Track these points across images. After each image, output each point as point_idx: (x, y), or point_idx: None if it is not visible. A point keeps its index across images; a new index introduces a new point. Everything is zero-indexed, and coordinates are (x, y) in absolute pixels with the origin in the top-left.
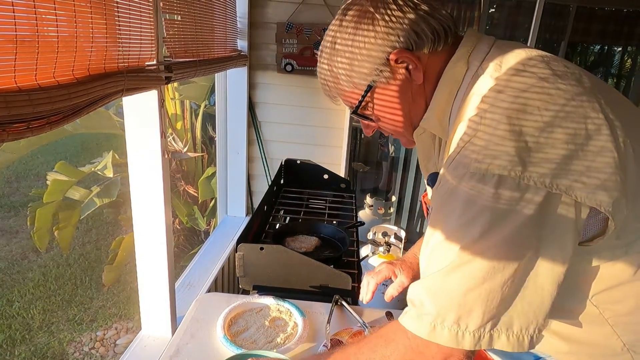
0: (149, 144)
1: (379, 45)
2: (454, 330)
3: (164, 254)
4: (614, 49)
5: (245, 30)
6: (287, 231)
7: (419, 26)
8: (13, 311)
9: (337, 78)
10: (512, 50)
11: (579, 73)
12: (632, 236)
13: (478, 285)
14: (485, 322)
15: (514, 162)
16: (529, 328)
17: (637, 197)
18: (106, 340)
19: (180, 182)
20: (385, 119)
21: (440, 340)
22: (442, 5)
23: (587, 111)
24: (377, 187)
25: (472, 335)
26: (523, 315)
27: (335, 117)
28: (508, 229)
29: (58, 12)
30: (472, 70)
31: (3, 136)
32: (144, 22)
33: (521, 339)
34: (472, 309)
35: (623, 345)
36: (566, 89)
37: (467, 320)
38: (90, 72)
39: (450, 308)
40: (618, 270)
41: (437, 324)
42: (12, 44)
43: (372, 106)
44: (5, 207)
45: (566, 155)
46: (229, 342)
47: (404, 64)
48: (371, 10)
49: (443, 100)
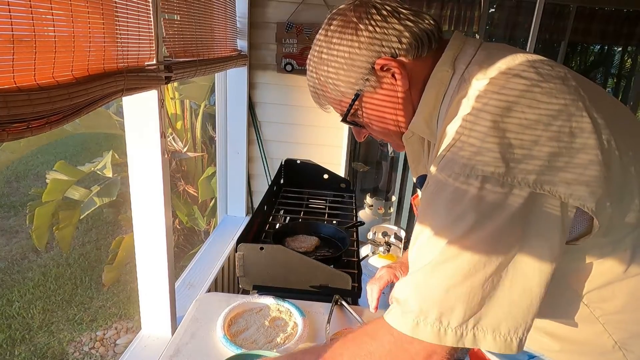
0: (149, 144)
1: (364, 54)
2: (436, 327)
3: (164, 253)
4: (614, 49)
5: (245, 30)
6: (287, 231)
7: (401, 33)
8: (13, 311)
9: (325, 87)
10: (498, 53)
11: (565, 73)
12: (619, 234)
13: (459, 283)
14: (467, 319)
15: (498, 161)
16: (518, 330)
17: (622, 196)
18: (106, 340)
19: (180, 182)
20: (374, 125)
21: (423, 337)
22: (441, 6)
23: (570, 110)
24: (377, 187)
25: (454, 332)
26: (511, 317)
27: (335, 117)
28: (491, 227)
29: (55, 11)
30: (458, 74)
31: (3, 136)
32: (143, 22)
33: (509, 341)
34: (453, 306)
35: (614, 343)
36: (550, 89)
37: (449, 317)
38: (90, 71)
39: (433, 305)
40: (607, 268)
41: (420, 320)
42: (9, 43)
43: (360, 113)
44: (5, 207)
45: (550, 153)
46: (229, 342)
47: (389, 71)
48: (354, 20)
49: (430, 104)
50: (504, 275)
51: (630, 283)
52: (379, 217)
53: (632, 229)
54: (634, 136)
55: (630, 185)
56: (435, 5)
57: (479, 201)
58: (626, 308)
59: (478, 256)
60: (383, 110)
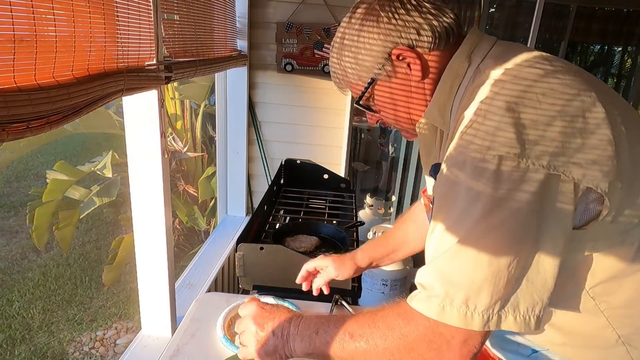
0: (149, 144)
1: (382, 41)
2: (462, 310)
3: (164, 253)
4: (614, 49)
5: (245, 30)
6: (287, 231)
7: (420, 26)
8: (13, 311)
9: (344, 70)
10: (513, 48)
11: (578, 70)
12: (627, 224)
13: (485, 266)
14: (494, 303)
15: (513, 141)
16: (535, 308)
17: (632, 183)
18: (106, 340)
19: (180, 182)
20: (386, 111)
21: (450, 321)
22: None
23: (583, 97)
24: (377, 187)
25: (480, 316)
26: (529, 296)
27: (336, 117)
28: (509, 210)
29: (57, 11)
30: (473, 66)
31: (3, 136)
32: (143, 22)
33: (527, 319)
34: (480, 289)
35: (618, 337)
36: (564, 80)
37: (475, 301)
38: (90, 71)
39: (459, 289)
40: (614, 261)
41: (446, 304)
42: (10, 43)
43: (374, 98)
44: (5, 206)
45: (563, 134)
46: (229, 342)
47: (405, 60)
48: (377, 8)
49: (445, 94)
50: (525, 256)
51: (636, 277)
52: (379, 217)
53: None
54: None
55: (639, 174)
56: None
57: (496, 184)
58: (631, 303)
59: (500, 238)
60: (396, 97)
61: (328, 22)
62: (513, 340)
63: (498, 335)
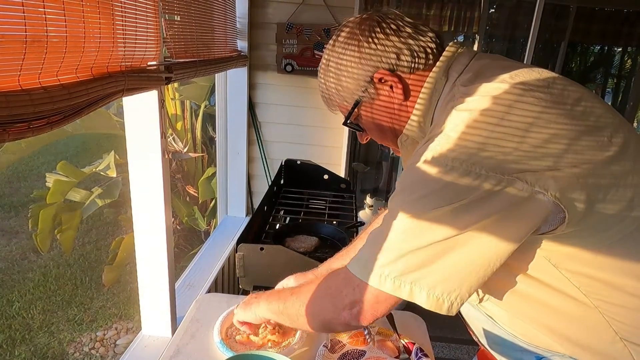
0: (149, 144)
1: (363, 65)
2: (377, 272)
3: (164, 254)
4: (614, 49)
5: (245, 30)
6: (287, 231)
7: (400, 50)
8: (13, 311)
9: (330, 92)
10: (491, 62)
11: (551, 81)
12: (605, 226)
13: (406, 241)
14: (406, 272)
15: (469, 151)
16: (451, 294)
17: (608, 189)
18: (106, 340)
19: (181, 182)
20: (372, 130)
21: (367, 279)
22: (441, 6)
23: (544, 108)
24: (377, 187)
25: (392, 281)
26: (449, 282)
27: (336, 118)
28: (451, 207)
29: (67, 12)
30: (450, 81)
31: (4, 136)
32: (144, 23)
33: (440, 301)
34: (396, 259)
35: (615, 334)
36: (533, 99)
37: (390, 268)
38: (93, 73)
39: (381, 254)
40: (605, 261)
41: (368, 265)
42: (21, 44)
43: (360, 119)
44: (5, 207)
45: (519, 143)
46: (226, 348)
47: (386, 83)
48: (357, 33)
49: (424, 109)
50: (451, 245)
51: (621, 273)
52: None
53: (619, 221)
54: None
55: (616, 179)
56: (435, 5)
57: (445, 186)
58: (626, 301)
59: (430, 224)
60: (380, 117)
61: (328, 23)
62: (517, 347)
63: (503, 342)
